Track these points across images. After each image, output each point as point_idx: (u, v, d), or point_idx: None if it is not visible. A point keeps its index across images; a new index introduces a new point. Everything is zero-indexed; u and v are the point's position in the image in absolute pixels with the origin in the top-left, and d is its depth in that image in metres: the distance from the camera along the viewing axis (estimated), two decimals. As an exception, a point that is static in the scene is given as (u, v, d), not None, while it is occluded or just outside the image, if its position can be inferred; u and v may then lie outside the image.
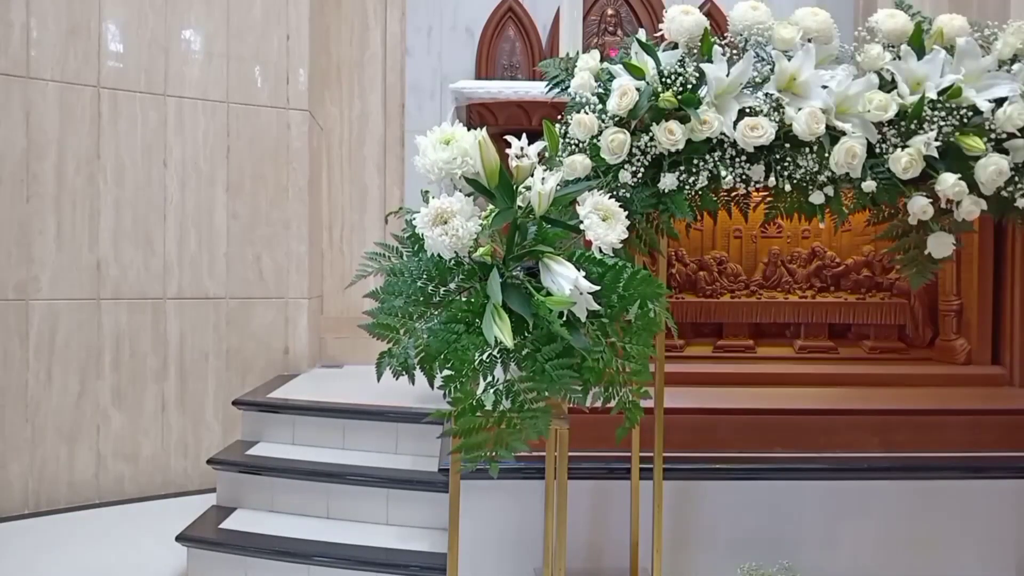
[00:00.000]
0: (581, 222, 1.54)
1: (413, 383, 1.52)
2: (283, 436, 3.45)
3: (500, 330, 1.41)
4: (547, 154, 1.75)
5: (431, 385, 1.53)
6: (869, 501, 2.45)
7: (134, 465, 3.93)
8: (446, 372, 1.47)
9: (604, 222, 1.52)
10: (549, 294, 1.45)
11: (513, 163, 1.52)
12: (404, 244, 1.64)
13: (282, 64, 4.31)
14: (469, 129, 1.55)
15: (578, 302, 1.45)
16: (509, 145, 1.54)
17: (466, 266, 1.53)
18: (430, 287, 1.55)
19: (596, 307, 1.48)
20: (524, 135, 1.56)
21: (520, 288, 1.49)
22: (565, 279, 1.44)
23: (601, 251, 1.55)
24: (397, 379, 1.53)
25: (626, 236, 1.55)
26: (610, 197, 1.58)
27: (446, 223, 1.46)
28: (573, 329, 1.47)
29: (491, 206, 1.56)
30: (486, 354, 1.47)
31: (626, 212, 1.60)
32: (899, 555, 2.45)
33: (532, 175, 1.52)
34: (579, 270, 1.46)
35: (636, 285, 1.58)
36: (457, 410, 1.47)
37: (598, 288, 1.48)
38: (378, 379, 1.56)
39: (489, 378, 1.50)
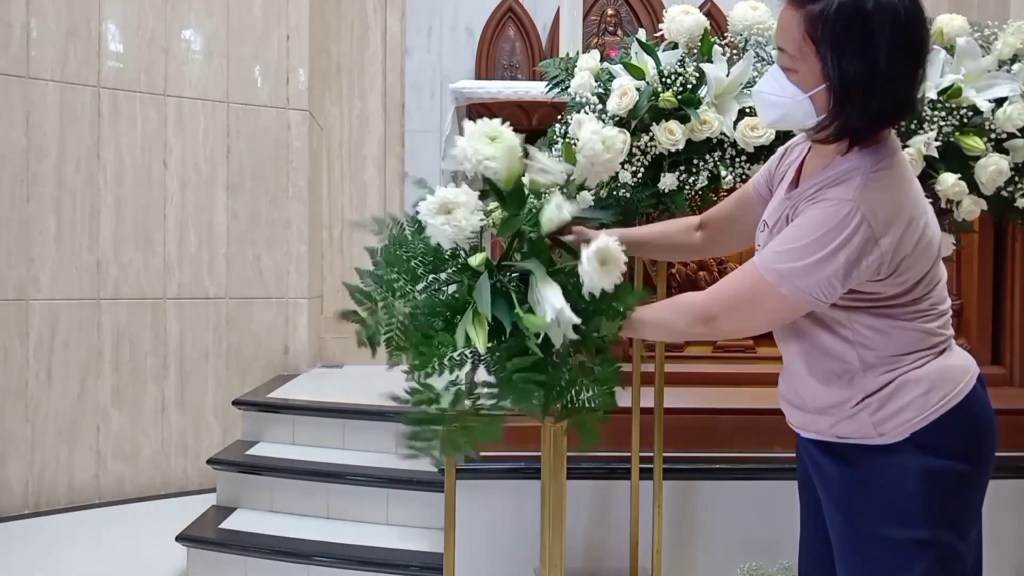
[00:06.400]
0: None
1: (374, 355, 1.51)
2: (283, 436, 3.44)
3: (475, 335, 1.39)
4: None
5: (373, 353, 1.51)
6: (869, 501, 2.45)
7: (134, 465, 3.93)
8: (414, 361, 1.46)
9: (603, 267, 1.42)
10: (532, 309, 1.42)
11: (531, 175, 1.50)
12: (410, 223, 1.62)
13: (282, 64, 4.31)
14: (469, 129, 1.54)
15: (554, 332, 1.41)
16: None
17: (461, 260, 1.53)
18: (420, 270, 1.54)
19: (575, 337, 1.43)
20: (524, 135, 1.56)
21: (507, 295, 1.47)
22: (550, 306, 1.39)
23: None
24: (360, 347, 1.52)
25: (620, 282, 1.47)
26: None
27: (449, 213, 1.45)
28: (547, 348, 1.44)
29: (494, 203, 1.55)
30: (457, 352, 1.46)
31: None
32: (899, 555, 2.45)
33: (546, 192, 1.49)
34: (569, 294, 1.41)
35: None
36: (413, 400, 1.46)
37: (579, 321, 1.42)
38: (365, 346, 1.55)
39: (453, 375, 1.48)
